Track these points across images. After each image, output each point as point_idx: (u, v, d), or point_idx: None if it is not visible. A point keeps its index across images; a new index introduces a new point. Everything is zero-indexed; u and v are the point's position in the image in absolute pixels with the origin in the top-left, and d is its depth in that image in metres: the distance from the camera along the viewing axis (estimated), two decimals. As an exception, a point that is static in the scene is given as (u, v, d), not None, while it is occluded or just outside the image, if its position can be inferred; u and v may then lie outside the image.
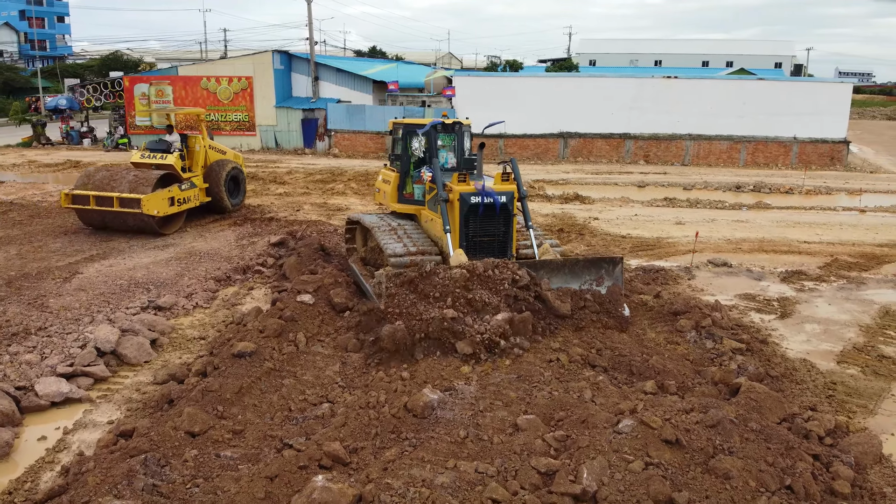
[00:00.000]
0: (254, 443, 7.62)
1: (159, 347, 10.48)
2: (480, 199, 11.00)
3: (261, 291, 13.25)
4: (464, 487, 6.43)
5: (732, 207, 22.59)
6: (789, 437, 7.41)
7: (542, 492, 6.38)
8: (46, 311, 11.29)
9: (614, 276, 11.25)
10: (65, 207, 17.16)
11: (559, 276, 10.88)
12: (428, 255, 11.27)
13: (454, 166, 12.79)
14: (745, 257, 16.29)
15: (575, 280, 10.99)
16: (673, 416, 7.23)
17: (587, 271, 11.10)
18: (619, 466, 6.52)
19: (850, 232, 19.36)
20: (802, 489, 6.66)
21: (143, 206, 16.03)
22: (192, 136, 18.99)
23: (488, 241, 11.30)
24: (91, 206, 16.54)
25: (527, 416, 7.65)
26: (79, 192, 16.67)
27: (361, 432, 7.68)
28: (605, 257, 11.61)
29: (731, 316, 11.91)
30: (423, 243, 11.70)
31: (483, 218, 11.19)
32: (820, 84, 36.68)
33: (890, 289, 14.29)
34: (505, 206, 11.19)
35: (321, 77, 37.90)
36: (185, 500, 6.52)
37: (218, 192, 19.02)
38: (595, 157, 35.24)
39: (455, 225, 11.12)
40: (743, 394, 8.12)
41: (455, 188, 11.13)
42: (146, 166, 17.78)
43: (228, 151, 20.45)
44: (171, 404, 8.35)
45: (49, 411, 8.59)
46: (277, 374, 9.09)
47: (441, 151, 12.82)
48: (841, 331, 11.70)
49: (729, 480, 6.49)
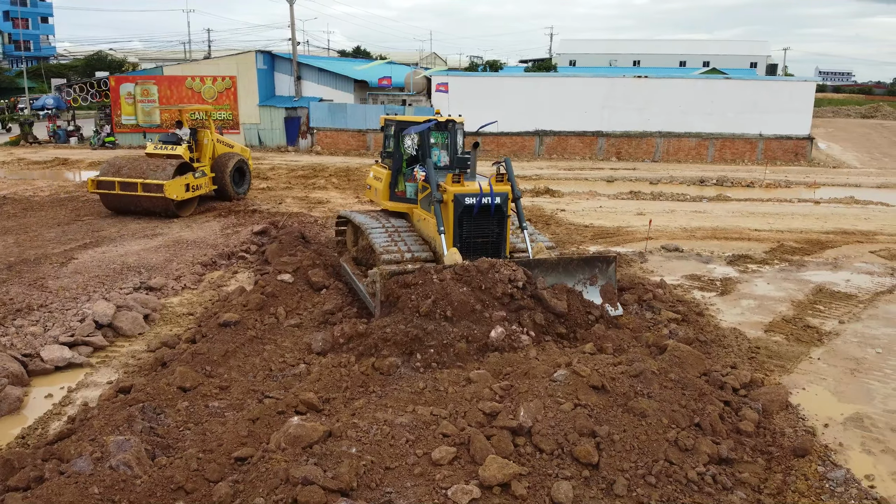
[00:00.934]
0: (238, 396, 8.66)
1: (151, 322, 11.48)
2: (475, 199, 10.99)
3: (244, 275, 14.26)
4: (419, 426, 7.50)
5: (693, 199, 23.84)
6: (705, 386, 8.54)
7: (485, 427, 7.47)
8: (46, 291, 12.26)
9: (608, 275, 11.29)
10: (91, 192, 19.18)
11: (553, 274, 10.83)
12: (420, 255, 11.32)
13: (447, 165, 12.77)
14: (697, 243, 17.49)
15: (569, 279, 10.96)
16: (601, 367, 8.34)
17: (581, 270, 11.10)
18: (552, 407, 7.62)
19: (801, 221, 20.64)
20: (710, 427, 7.80)
21: (165, 190, 18.14)
22: (202, 131, 20.91)
23: (482, 241, 11.35)
24: (116, 191, 18.54)
25: (479, 371, 8.75)
26: (104, 179, 18.63)
27: (333, 386, 8.75)
28: (599, 256, 11.63)
29: (675, 293, 13.07)
30: (414, 243, 11.71)
31: (477, 218, 11.20)
32: (784, 83, 38.14)
33: (828, 270, 15.52)
34: (499, 207, 11.20)
35: (303, 76, 38.88)
36: (178, 439, 7.57)
37: (224, 182, 20.96)
38: (569, 154, 36.45)
39: (449, 225, 11.12)
40: (669, 352, 9.25)
41: (449, 188, 11.08)
42: (159, 157, 19.64)
43: (236, 146, 22.52)
44: (165, 366, 9.37)
45: (53, 374, 9.58)
46: (259, 341, 10.14)
47: (434, 149, 12.78)
48: (774, 305, 12.90)
49: (644, 418, 7.60)
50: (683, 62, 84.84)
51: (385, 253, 11.30)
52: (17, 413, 8.56)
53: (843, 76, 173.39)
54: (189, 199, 19.39)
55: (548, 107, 36.19)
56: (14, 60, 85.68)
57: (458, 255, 10.74)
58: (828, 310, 12.75)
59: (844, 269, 15.59)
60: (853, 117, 79.63)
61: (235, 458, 7.03)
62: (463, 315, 9.65)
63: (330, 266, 13.56)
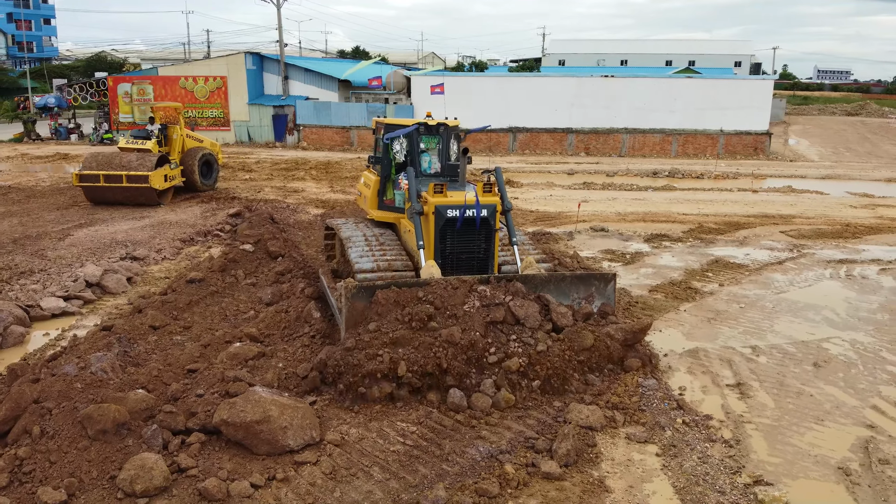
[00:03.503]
0: (198, 333, 10.81)
1: (133, 283, 13.65)
2: (458, 211, 10.15)
3: (217, 249, 16.39)
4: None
5: (639, 189, 25.97)
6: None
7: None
8: (45, 259, 14.45)
9: (606, 295, 10.35)
10: (75, 186, 20.56)
11: (544, 292, 9.97)
12: (399, 270, 10.59)
13: (437, 172, 11.98)
14: (625, 225, 19.62)
15: (562, 297, 10.07)
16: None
17: (575, 288, 10.19)
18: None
19: (730, 206, 22.76)
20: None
21: (150, 181, 19.87)
22: (172, 127, 22.61)
23: (467, 257, 10.53)
24: (100, 183, 20.01)
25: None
26: (88, 173, 20.04)
27: (274, 325, 10.90)
28: (596, 273, 10.66)
29: (585, 263, 15.19)
30: (396, 257, 10.92)
31: (461, 232, 10.37)
32: (743, 81, 40.24)
33: (734, 247, 17.63)
34: (486, 221, 10.35)
35: (290, 76, 41.06)
36: (146, 360, 9.71)
37: (190, 174, 22.63)
38: (541, 149, 38.57)
39: (430, 239, 10.32)
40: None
41: (430, 199, 10.22)
42: (130, 150, 21.37)
43: (206, 141, 24.30)
44: (140, 312, 11.51)
45: (50, 320, 11.74)
46: (219, 295, 12.31)
47: (424, 155, 11.91)
48: (668, 273, 15.02)
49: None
50: (669, 61, 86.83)
51: (358, 263, 10.62)
52: (20, 345, 10.73)
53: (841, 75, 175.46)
54: (167, 188, 21.17)
55: (521, 105, 38.31)
56: (17, 61, 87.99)
57: (437, 269, 9.92)
58: (714, 276, 14.86)
59: (749, 246, 17.69)
60: (838, 115, 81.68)
61: (188, 369, 9.17)
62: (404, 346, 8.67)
63: (290, 241, 15.71)
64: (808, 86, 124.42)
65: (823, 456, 7.82)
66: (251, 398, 7.57)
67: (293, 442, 7.37)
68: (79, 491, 6.70)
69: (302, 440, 7.42)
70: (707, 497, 6.89)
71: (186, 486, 6.77)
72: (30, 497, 6.64)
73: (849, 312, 12.76)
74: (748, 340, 11.19)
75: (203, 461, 7.16)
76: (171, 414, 7.70)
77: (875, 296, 13.80)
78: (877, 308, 13.05)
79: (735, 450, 7.84)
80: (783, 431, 8.34)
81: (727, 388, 9.47)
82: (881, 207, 23.56)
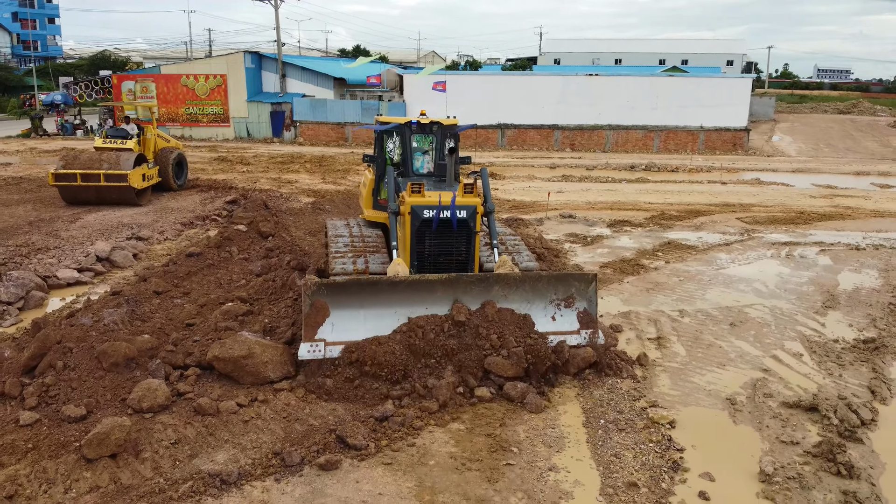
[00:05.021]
0: (195, 297, 12.37)
1: (139, 259, 15.23)
2: (434, 213, 9.84)
3: (214, 231, 17.98)
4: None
5: (613, 181, 27.53)
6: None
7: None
8: (59, 238, 16.05)
9: (587, 297, 9.71)
10: (51, 185, 20.20)
11: (517, 293, 9.42)
12: (376, 273, 10.27)
13: (430, 172, 11.82)
14: (592, 213, 21.17)
15: (539, 298, 9.52)
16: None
17: (552, 289, 9.56)
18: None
19: (696, 196, 24.30)
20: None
21: (129, 180, 19.72)
22: (146, 126, 22.44)
23: (445, 260, 10.23)
24: (77, 182, 19.58)
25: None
26: (64, 172, 19.58)
27: (262, 291, 12.45)
28: (576, 273, 10.00)
29: (548, 244, 16.74)
30: (379, 259, 10.71)
31: (439, 234, 10.05)
32: (723, 79, 41.77)
33: (689, 231, 19.17)
34: (464, 222, 9.98)
35: (288, 74, 42.69)
36: (150, 317, 11.27)
37: (166, 174, 22.45)
38: (528, 145, 40.14)
39: (406, 241, 10.12)
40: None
41: (407, 199, 10.03)
42: (108, 150, 20.92)
43: (172, 140, 24.08)
44: (145, 281, 13.08)
45: (66, 288, 13.32)
46: (215, 267, 13.88)
47: (417, 154, 11.80)
48: (621, 252, 16.57)
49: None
50: (663, 60, 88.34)
51: (334, 265, 10.53)
52: (40, 307, 12.30)
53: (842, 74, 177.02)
54: (144, 188, 20.78)
55: (510, 102, 39.90)
56: (22, 60, 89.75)
57: (403, 268, 9.59)
58: (664, 255, 16.41)
59: (703, 230, 19.24)
60: (830, 113, 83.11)
61: (186, 323, 10.75)
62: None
63: (281, 223, 17.26)
64: (807, 85, 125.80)
65: (716, 391, 9.37)
66: (238, 339, 9.13)
67: (273, 374, 8.93)
68: (96, 408, 8.26)
69: (280, 373, 8.98)
70: (607, 414, 8.45)
71: (184, 405, 8.32)
72: (55, 413, 8.18)
73: (777, 285, 14.30)
74: (678, 306, 12.75)
75: (198, 388, 8.72)
76: (171, 352, 9.28)
77: (807, 272, 15.33)
78: (805, 282, 14.58)
79: (641, 384, 9.39)
80: (687, 373, 9.89)
81: (648, 341, 11.02)
82: (839, 198, 25.09)
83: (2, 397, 8.57)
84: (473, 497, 6.78)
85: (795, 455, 7.78)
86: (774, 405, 8.96)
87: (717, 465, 7.53)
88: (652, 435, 8.04)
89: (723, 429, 8.37)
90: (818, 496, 7.05)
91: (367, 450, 7.46)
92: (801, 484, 7.23)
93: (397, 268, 9.56)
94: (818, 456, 7.72)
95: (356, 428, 7.74)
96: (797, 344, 11.14)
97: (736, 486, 7.20)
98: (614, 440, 7.89)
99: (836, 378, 9.92)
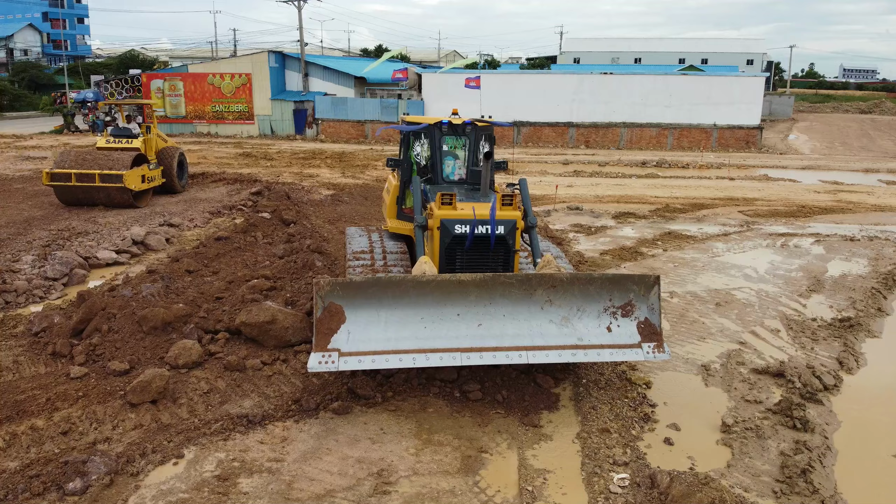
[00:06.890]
0: (224, 276, 13.52)
1: (171, 243, 16.43)
2: (468, 228, 8.73)
3: (240, 219, 19.17)
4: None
5: (623, 176, 28.39)
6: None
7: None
8: (97, 224, 17.31)
9: (649, 303, 8.37)
10: (46, 185, 19.01)
11: (564, 297, 8.14)
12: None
13: (462, 179, 10.69)
14: (599, 205, 22.08)
15: (591, 304, 8.24)
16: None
17: (607, 293, 8.25)
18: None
19: (702, 191, 25.11)
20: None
21: (124, 180, 18.62)
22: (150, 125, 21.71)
23: None
24: (72, 182, 18.65)
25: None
26: (59, 171, 18.67)
27: (285, 271, 13.56)
28: (634, 275, 8.46)
29: (553, 233, 17.71)
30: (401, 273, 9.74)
31: (473, 252, 8.96)
32: (735, 78, 42.34)
33: (690, 223, 20.03)
34: (502, 239, 8.89)
35: (310, 73, 43.99)
36: (184, 291, 12.42)
37: (170, 174, 21.70)
38: (543, 142, 41.05)
39: (434, 258, 9.02)
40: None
41: (436, 212, 8.90)
42: (111, 150, 20.17)
43: (169, 140, 23.15)
44: (177, 261, 14.26)
45: (105, 268, 14.54)
46: (241, 250, 15.03)
47: (448, 159, 10.66)
48: (623, 241, 17.49)
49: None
50: (682, 59, 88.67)
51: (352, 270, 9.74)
52: (83, 283, 13.51)
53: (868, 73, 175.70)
54: (144, 190, 19.90)
55: (526, 100, 40.84)
56: (52, 59, 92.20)
57: (430, 266, 8.34)
58: (663, 244, 17.31)
59: (705, 222, 20.09)
60: (851, 112, 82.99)
61: (216, 297, 11.86)
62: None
63: (302, 212, 18.37)
64: (832, 84, 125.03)
65: (693, 359, 10.31)
66: (263, 307, 10.23)
67: (293, 338, 10.01)
68: (137, 364, 9.40)
69: (300, 338, 10.06)
70: (589, 375, 9.44)
71: (215, 363, 9.44)
72: (102, 368, 9.32)
73: (767, 271, 15.15)
74: (669, 288, 13.66)
75: (227, 349, 9.83)
76: (203, 318, 10.42)
77: (799, 260, 16.15)
78: (795, 269, 15.41)
79: (624, 352, 10.35)
80: (668, 344, 10.80)
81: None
82: (843, 193, 25.75)
83: (53, 356, 9.74)
84: (465, 437, 7.81)
85: (757, 412, 8.72)
86: (745, 371, 9.89)
87: (685, 418, 8.48)
88: (628, 393, 9.02)
89: (694, 390, 9.33)
90: (772, 444, 7.98)
91: (374, 399, 8.52)
92: (758, 434, 8.17)
93: (424, 266, 8.29)
94: (777, 412, 8.65)
95: (366, 382, 8.80)
96: (776, 322, 12.02)
97: (699, 434, 8.16)
98: (593, 396, 8.88)
99: (808, 351, 10.81)
